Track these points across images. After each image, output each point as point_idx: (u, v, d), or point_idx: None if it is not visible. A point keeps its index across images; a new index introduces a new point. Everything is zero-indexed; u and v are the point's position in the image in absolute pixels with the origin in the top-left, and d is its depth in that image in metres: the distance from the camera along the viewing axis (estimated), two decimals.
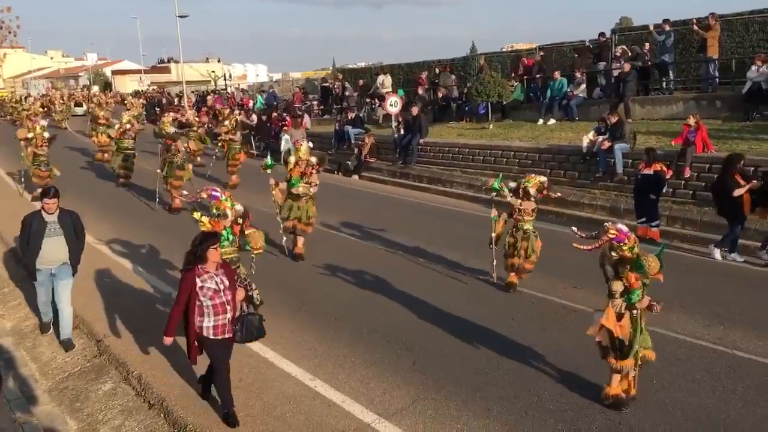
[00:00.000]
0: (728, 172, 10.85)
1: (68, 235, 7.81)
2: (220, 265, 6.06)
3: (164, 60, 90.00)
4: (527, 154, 17.03)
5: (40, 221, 7.71)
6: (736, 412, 6.03)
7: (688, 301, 8.77)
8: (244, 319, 6.19)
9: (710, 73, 18.04)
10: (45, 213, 7.71)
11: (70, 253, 7.88)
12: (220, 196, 7.97)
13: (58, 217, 7.77)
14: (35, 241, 7.64)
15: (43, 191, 7.88)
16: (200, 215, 7.85)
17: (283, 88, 42.93)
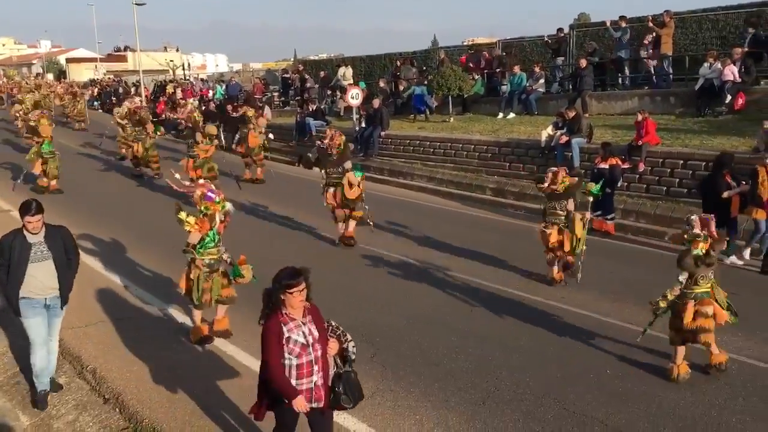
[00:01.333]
0: (719, 172, 10.58)
1: (58, 258, 6.31)
2: (308, 309, 4.72)
3: (120, 48, 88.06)
4: (487, 148, 17.18)
5: (22, 243, 6.16)
6: (685, 401, 6.21)
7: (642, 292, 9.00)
8: (344, 377, 4.80)
9: (664, 69, 18.44)
10: (28, 233, 6.19)
11: (60, 280, 6.36)
12: (214, 197, 7.48)
13: (44, 237, 6.26)
14: (18, 268, 6.11)
15: (24, 206, 6.21)
16: (186, 215, 7.43)
17: (243, 78, 42.35)
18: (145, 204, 15.43)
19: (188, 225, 7.32)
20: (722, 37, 18.96)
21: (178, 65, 50.59)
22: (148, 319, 8.35)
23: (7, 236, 6.23)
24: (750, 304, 8.36)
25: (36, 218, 6.14)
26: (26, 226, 6.16)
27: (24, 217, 6.15)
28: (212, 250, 7.53)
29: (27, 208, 6.17)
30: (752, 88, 16.23)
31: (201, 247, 7.44)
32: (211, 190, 7.55)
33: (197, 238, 7.39)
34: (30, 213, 6.14)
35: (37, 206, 6.19)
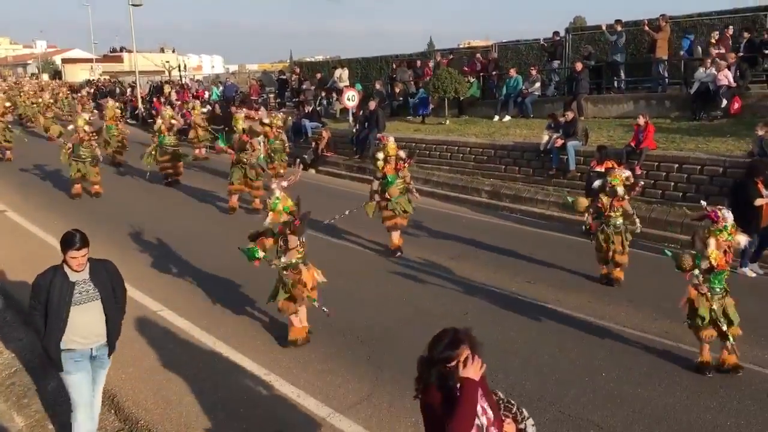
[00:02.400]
0: (751, 180, 10.27)
1: (106, 298, 5.37)
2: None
3: (116, 49, 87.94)
4: (483, 150, 17.21)
5: (63, 282, 5.17)
6: (680, 404, 6.23)
7: (636, 295, 9.04)
8: None
9: (660, 73, 18.51)
10: (70, 270, 5.21)
11: (109, 324, 5.43)
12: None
13: (89, 274, 5.32)
14: (59, 312, 5.13)
15: (67, 239, 5.21)
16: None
17: (239, 79, 42.34)
18: (143, 204, 15.40)
19: (256, 253, 7.52)
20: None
21: (174, 66, 50.50)
22: (143, 320, 8.33)
23: (44, 275, 5.24)
24: (744, 308, 8.39)
25: (82, 253, 5.18)
26: (69, 263, 5.16)
27: (67, 252, 5.14)
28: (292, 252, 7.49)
29: (70, 242, 5.16)
30: (747, 92, 16.30)
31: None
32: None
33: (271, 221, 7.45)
34: (74, 247, 5.13)
35: (81, 239, 5.19)
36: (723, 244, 6.66)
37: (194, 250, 11.25)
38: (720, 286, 6.80)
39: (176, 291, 9.37)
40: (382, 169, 10.88)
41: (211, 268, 10.33)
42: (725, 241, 6.67)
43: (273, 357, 7.29)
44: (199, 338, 7.78)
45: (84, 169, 15.57)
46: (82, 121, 15.76)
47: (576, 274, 10.03)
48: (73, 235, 5.22)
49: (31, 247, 11.60)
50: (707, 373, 6.74)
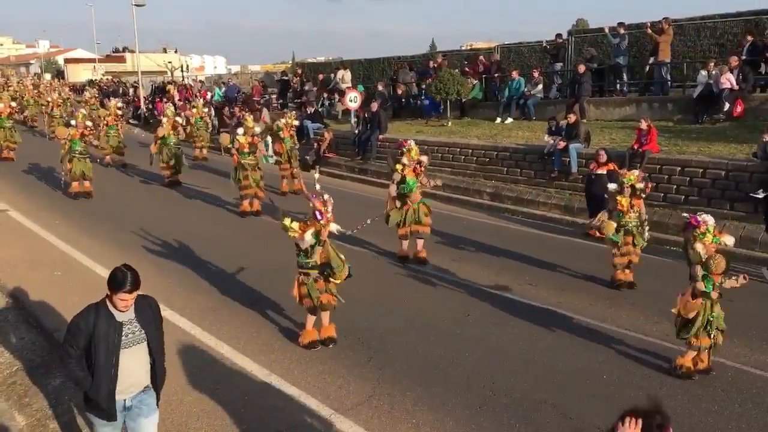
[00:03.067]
0: None
1: (154, 341, 4.75)
2: None
3: (119, 49, 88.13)
4: (485, 152, 17.20)
5: (109, 324, 4.50)
6: (682, 408, 6.23)
7: (638, 298, 9.03)
8: None
9: (662, 76, 18.49)
10: (116, 310, 4.53)
11: (156, 367, 4.82)
12: (320, 219, 7.26)
13: (135, 312, 4.63)
14: (109, 359, 4.50)
15: (116, 278, 4.48)
16: (290, 221, 7.33)
17: (241, 80, 42.43)
18: (144, 205, 15.42)
19: (292, 231, 7.26)
20: (720, 44, 19.00)
21: (176, 67, 50.57)
22: None
23: (84, 316, 4.54)
24: (746, 312, 8.39)
25: (133, 296, 4.52)
26: (115, 303, 4.50)
27: (116, 294, 4.46)
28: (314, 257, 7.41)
29: (121, 283, 4.45)
30: (750, 95, 16.28)
31: (305, 254, 7.39)
32: (321, 212, 7.30)
33: (304, 244, 7.25)
34: (125, 289, 4.44)
35: (133, 280, 4.49)
36: (711, 247, 6.65)
37: (195, 250, 11.26)
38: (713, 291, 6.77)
39: (177, 291, 9.38)
40: (402, 172, 10.57)
41: (213, 269, 10.35)
42: (712, 244, 6.66)
43: (274, 358, 7.29)
44: (200, 338, 7.78)
45: (83, 167, 15.59)
46: (82, 115, 15.85)
47: (577, 277, 10.02)
48: (124, 274, 4.48)
49: (33, 247, 11.62)
50: (693, 377, 6.77)
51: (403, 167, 10.55)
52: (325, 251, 7.41)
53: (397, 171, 10.63)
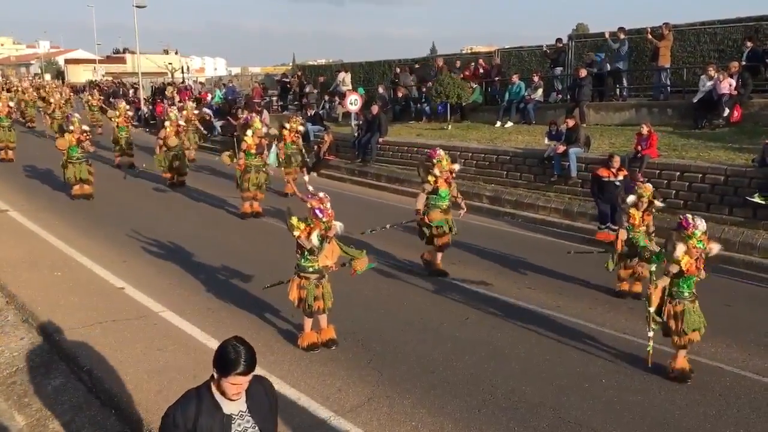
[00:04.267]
0: None
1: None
2: None
3: (119, 50, 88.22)
4: (485, 156, 17.24)
5: (215, 419, 3.58)
6: (680, 412, 6.25)
7: (637, 303, 9.05)
8: None
9: (662, 81, 18.55)
10: (224, 398, 3.58)
11: None
12: (321, 216, 7.21)
13: (247, 400, 3.66)
14: None
15: (227, 358, 3.50)
16: (297, 220, 7.28)
17: (242, 82, 42.49)
18: (144, 206, 15.44)
19: (297, 230, 7.23)
20: (720, 50, 19.07)
21: (176, 68, 50.65)
22: (144, 321, 8.35)
23: (183, 407, 3.65)
24: (744, 317, 8.43)
25: (248, 378, 3.53)
26: (225, 389, 3.53)
27: (227, 377, 3.49)
28: (315, 258, 7.41)
29: (233, 363, 3.46)
30: (749, 101, 16.33)
31: (308, 254, 7.40)
32: (321, 209, 7.26)
33: (308, 244, 7.25)
34: (238, 370, 3.46)
35: (249, 360, 3.49)
36: (694, 250, 6.69)
37: (196, 251, 11.27)
38: (689, 291, 6.88)
39: (178, 293, 9.39)
40: (434, 183, 10.13)
41: (213, 270, 10.36)
42: (696, 248, 6.69)
43: (274, 359, 7.30)
44: (200, 340, 7.80)
45: (78, 172, 15.39)
46: (78, 120, 15.81)
47: (576, 281, 10.05)
48: (237, 351, 3.48)
49: (33, 247, 11.63)
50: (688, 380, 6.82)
51: (435, 179, 10.13)
52: (332, 249, 7.42)
53: (429, 182, 10.17)
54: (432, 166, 10.17)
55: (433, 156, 10.23)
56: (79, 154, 15.44)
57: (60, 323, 8.17)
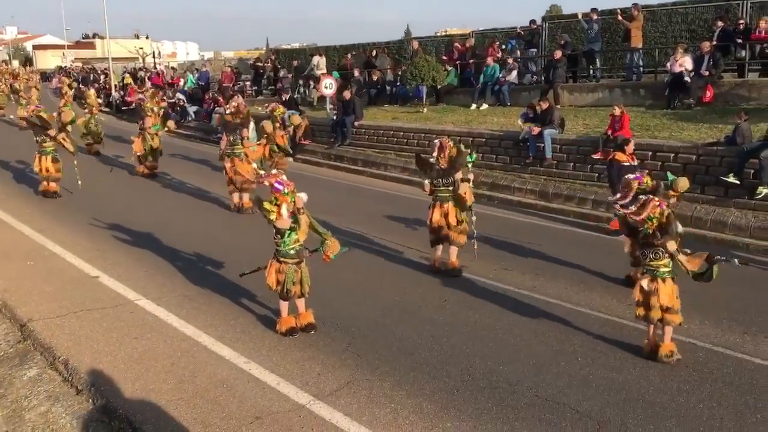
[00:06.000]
0: None
1: None
2: None
3: (89, 35, 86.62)
4: (460, 138, 17.20)
5: None
6: (654, 388, 6.36)
7: (611, 283, 9.17)
8: None
9: (635, 62, 18.69)
10: None
11: None
12: (282, 189, 7.11)
13: None
14: None
15: None
16: (268, 203, 7.13)
17: (215, 67, 41.98)
18: (119, 193, 15.26)
19: (272, 213, 7.12)
20: (691, 30, 19.28)
21: (147, 53, 49.89)
22: (120, 309, 8.28)
23: None
24: (716, 294, 8.57)
25: None
26: None
27: None
28: (296, 237, 7.36)
29: None
30: (720, 81, 16.53)
31: (286, 236, 7.31)
32: (279, 181, 7.20)
33: (286, 223, 7.19)
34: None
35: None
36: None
37: (172, 239, 11.18)
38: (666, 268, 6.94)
39: (154, 281, 9.31)
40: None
41: (189, 258, 10.29)
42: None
43: (252, 345, 7.28)
44: (177, 327, 7.75)
45: (46, 164, 14.41)
46: (44, 112, 15.10)
47: (552, 261, 10.14)
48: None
49: (5, 237, 11.44)
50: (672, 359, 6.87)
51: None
52: (305, 223, 7.38)
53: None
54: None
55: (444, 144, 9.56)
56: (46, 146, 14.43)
57: (34, 313, 8.07)
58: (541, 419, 5.80)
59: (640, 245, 6.90)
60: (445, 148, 9.43)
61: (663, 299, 6.77)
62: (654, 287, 6.81)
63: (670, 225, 6.71)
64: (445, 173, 9.43)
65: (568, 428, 5.67)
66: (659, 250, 6.76)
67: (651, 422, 5.74)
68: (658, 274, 6.83)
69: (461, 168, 9.52)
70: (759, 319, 7.91)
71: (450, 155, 9.39)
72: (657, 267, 6.84)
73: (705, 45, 16.30)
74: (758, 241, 10.93)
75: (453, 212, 9.43)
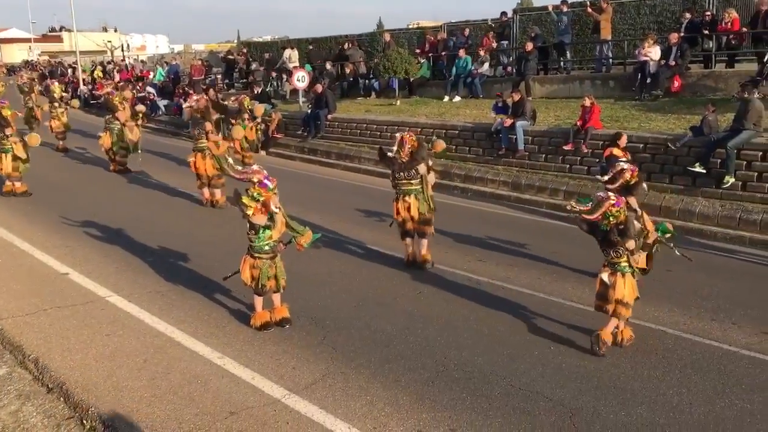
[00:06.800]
0: None
1: None
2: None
3: (56, 29, 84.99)
4: (433, 131, 17.29)
5: None
6: (625, 375, 6.46)
7: (582, 272, 9.28)
8: None
9: (604, 53, 18.88)
10: None
11: None
12: (269, 184, 7.07)
13: None
14: None
15: None
16: (247, 198, 7.07)
17: (185, 60, 41.49)
18: (86, 190, 15.03)
19: (250, 208, 7.06)
20: (659, 21, 19.52)
21: (116, 46, 49.12)
22: (91, 306, 8.17)
23: None
24: (684, 281, 8.73)
25: None
26: None
27: None
28: (270, 233, 7.30)
29: None
30: (687, 72, 16.77)
31: (261, 232, 7.23)
32: (267, 177, 7.14)
33: (263, 219, 7.13)
34: None
35: None
36: None
37: (142, 235, 11.05)
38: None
39: (125, 277, 9.21)
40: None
41: (160, 253, 10.18)
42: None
43: (226, 340, 7.24)
44: (149, 323, 7.68)
45: (5, 162, 13.89)
46: (7, 110, 14.71)
47: (525, 252, 10.23)
48: None
49: None
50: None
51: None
52: (281, 220, 7.33)
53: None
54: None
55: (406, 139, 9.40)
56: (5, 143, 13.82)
57: (3, 311, 7.93)
58: (515, 408, 5.86)
59: (600, 242, 6.98)
60: (405, 143, 9.30)
61: (618, 293, 6.88)
62: (613, 281, 6.91)
63: (627, 225, 6.80)
64: (406, 167, 9.34)
65: (541, 416, 5.74)
66: (619, 249, 6.86)
67: (623, 408, 5.83)
68: (619, 269, 6.93)
69: (423, 162, 9.38)
70: (726, 305, 8.07)
71: (411, 149, 9.30)
72: (618, 262, 6.94)
73: (673, 36, 16.51)
74: (725, 230, 11.14)
75: (415, 205, 9.37)
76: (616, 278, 6.89)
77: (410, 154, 9.29)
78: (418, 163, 9.30)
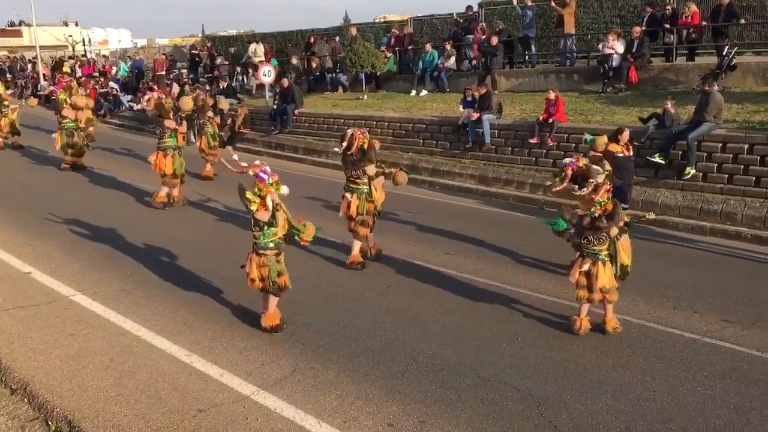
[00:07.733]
0: None
1: None
2: None
3: (14, 23, 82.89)
4: (401, 125, 17.34)
5: None
6: (591, 364, 6.57)
7: (549, 265, 9.40)
8: None
9: (568, 47, 19.10)
10: None
11: None
12: (267, 179, 6.90)
13: None
14: None
15: None
16: (251, 194, 6.93)
17: (148, 55, 40.88)
18: (47, 187, 14.74)
19: (254, 204, 6.91)
20: (622, 15, 19.81)
21: (77, 41, 48.17)
22: (54, 306, 8.03)
23: None
24: (648, 271, 8.90)
25: None
26: None
27: None
28: (275, 230, 7.13)
29: None
30: (649, 65, 17.06)
31: (265, 229, 7.07)
32: (264, 170, 6.96)
33: (267, 215, 6.96)
34: None
35: None
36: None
37: (107, 233, 10.88)
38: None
39: (89, 275, 9.06)
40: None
41: (127, 251, 10.04)
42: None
43: (194, 338, 7.18)
44: (115, 322, 7.57)
45: None
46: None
47: (493, 245, 10.31)
48: None
49: None
50: None
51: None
52: (283, 219, 7.21)
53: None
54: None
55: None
56: None
57: None
58: (483, 399, 5.93)
59: (584, 229, 7.06)
60: (355, 140, 9.13)
61: (602, 281, 7.04)
62: (594, 271, 7.03)
63: (615, 210, 6.95)
64: (353, 164, 9.23)
65: (509, 407, 5.81)
66: (602, 235, 6.98)
67: (589, 397, 5.94)
68: (599, 258, 7.05)
69: (371, 163, 9.22)
70: (688, 294, 8.25)
71: (361, 147, 9.16)
72: (599, 251, 7.05)
73: (636, 30, 16.78)
74: (686, 220, 11.39)
75: (355, 204, 9.28)
76: (597, 267, 7.04)
77: (359, 152, 9.16)
78: (366, 163, 9.16)
